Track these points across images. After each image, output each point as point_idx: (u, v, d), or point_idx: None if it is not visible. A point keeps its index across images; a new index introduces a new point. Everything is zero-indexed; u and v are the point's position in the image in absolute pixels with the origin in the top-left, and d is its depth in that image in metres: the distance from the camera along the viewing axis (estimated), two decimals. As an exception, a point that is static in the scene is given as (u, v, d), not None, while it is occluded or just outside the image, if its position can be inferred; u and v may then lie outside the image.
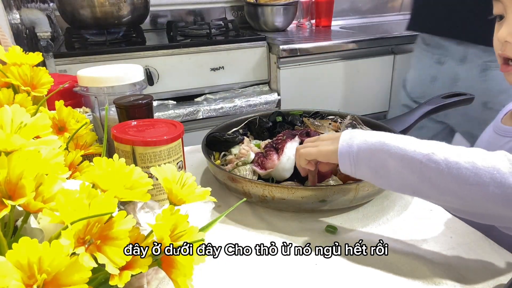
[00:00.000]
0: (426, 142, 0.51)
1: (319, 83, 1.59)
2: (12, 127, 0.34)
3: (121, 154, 0.55)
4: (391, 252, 0.56)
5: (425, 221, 0.63)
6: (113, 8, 1.46)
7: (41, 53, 0.53)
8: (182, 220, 0.35)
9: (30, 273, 0.26)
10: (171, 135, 0.54)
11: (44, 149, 0.34)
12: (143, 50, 1.42)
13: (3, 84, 0.51)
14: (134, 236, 0.34)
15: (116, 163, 0.37)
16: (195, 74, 1.50)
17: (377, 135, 0.54)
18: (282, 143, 0.69)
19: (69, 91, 0.71)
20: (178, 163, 0.57)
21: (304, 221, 0.64)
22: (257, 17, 1.80)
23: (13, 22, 1.15)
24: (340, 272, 0.52)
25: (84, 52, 1.37)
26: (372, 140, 0.53)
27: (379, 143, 0.52)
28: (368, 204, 0.68)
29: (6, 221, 0.33)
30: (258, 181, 0.64)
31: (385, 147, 0.52)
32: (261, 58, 1.57)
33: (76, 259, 0.27)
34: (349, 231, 0.61)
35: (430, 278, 0.51)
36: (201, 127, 1.48)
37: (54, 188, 0.33)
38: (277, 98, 1.56)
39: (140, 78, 0.69)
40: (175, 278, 0.34)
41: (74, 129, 0.52)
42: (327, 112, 0.90)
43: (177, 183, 0.40)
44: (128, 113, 0.61)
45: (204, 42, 1.49)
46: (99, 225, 0.30)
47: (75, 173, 0.48)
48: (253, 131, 0.87)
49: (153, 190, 0.55)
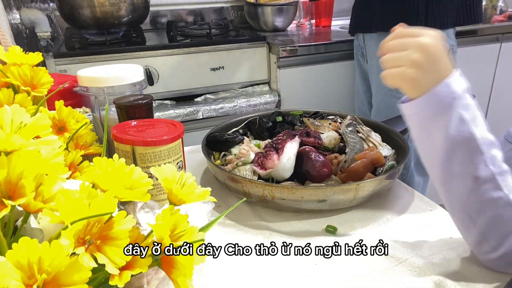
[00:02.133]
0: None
1: (319, 83, 1.59)
2: (12, 127, 0.34)
3: (121, 154, 0.55)
4: (391, 252, 0.56)
5: (425, 221, 0.63)
6: (113, 8, 1.46)
7: (41, 53, 0.53)
8: (182, 220, 0.35)
9: (30, 273, 0.26)
10: (171, 135, 0.54)
11: (44, 149, 0.34)
12: (143, 50, 1.42)
13: (3, 84, 0.51)
14: (134, 236, 0.34)
15: (116, 163, 0.37)
16: (195, 74, 1.50)
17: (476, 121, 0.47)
18: (282, 143, 0.69)
19: (69, 91, 0.71)
20: (178, 163, 0.57)
21: (304, 221, 0.64)
22: (257, 17, 1.80)
23: (13, 22, 1.15)
24: (340, 272, 0.52)
25: (84, 52, 1.37)
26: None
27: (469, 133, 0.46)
28: (368, 204, 0.68)
29: (6, 221, 0.33)
30: (258, 181, 0.64)
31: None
32: (261, 58, 1.57)
33: (76, 259, 0.27)
34: (349, 231, 0.61)
35: (430, 278, 0.51)
36: (201, 127, 1.48)
37: (54, 188, 0.33)
38: (277, 98, 1.56)
39: (140, 78, 0.69)
40: (175, 278, 0.34)
41: (74, 129, 0.52)
42: (327, 112, 0.90)
43: (177, 183, 0.40)
44: (128, 113, 0.61)
45: (204, 42, 1.49)
46: (99, 225, 0.30)
47: (75, 173, 0.48)
48: (253, 131, 0.87)
49: (153, 190, 0.55)
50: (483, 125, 0.47)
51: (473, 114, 0.47)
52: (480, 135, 0.46)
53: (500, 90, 1.86)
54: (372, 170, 0.69)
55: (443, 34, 0.49)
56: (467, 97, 0.47)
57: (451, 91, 0.46)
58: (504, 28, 1.76)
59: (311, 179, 0.68)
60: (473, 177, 0.47)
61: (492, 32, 1.75)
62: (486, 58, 1.79)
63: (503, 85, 1.86)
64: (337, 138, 0.78)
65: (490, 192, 0.46)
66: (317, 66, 1.57)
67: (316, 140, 0.74)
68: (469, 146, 0.46)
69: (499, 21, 1.85)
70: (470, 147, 0.46)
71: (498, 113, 1.90)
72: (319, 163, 0.67)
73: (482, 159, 0.46)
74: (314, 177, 0.67)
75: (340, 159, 0.72)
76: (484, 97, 1.86)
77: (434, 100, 0.47)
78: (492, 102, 1.88)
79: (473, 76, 1.75)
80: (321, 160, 0.67)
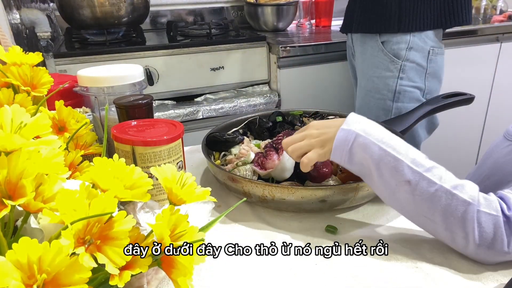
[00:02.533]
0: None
1: (319, 83, 1.59)
2: (12, 127, 0.34)
3: (121, 154, 0.55)
4: (391, 252, 0.56)
5: (425, 221, 0.63)
6: (113, 8, 1.46)
7: (41, 53, 0.53)
8: (182, 220, 0.35)
9: (30, 273, 0.26)
10: (171, 135, 0.54)
11: (44, 149, 0.34)
12: (143, 50, 1.42)
13: (3, 84, 0.51)
14: (134, 236, 0.34)
15: (116, 163, 0.37)
16: (195, 74, 1.50)
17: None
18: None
19: (69, 91, 0.71)
20: (178, 163, 0.57)
21: (304, 221, 0.64)
22: (257, 17, 1.80)
23: (13, 22, 1.15)
24: (340, 272, 0.52)
25: (84, 52, 1.37)
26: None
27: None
28: (368, 204, 0.68)
29: (6, 221, 0.33)
30: (258, 181, 0.64)
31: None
32: (261, 58, 1.57)
33: (76, 259, 0.27)
34: (349, 231, 0.61)
35: (430, 277, 0.51)
36: (201, 127, 1.48)
37: (54, 188, 0.33)
38: (277, 98, 1.56)
39: (140, 78, 0.69)
40: (175, 278, 0.34)
41: (74, 129, 0.52)
42: (327, 112, 0.90)
43: (177, 183, 0.40)
44: (128, 113, 0.61)
45: (204, 42, 1.49)
46: (99, 225, 0.30)
47: (75, 173, 0.48)
48: (253, 131, 0.87)
49: (153, 190, 0.55)
50: (391, 139, 0.54)
51: (377, 135, 0.54)
52: (392, 148, 0.53)
53: (500, 90, 1.86)
54: (372, 170, 0.69)
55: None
56: (362, 127, 0.55)
57: (346, 133, 0.55)
58: (504, 28, 1.76)
59: (311, 179, 0.68)
60: (406, 182, 0.52)
61: (492, 32, 1.75)
62: (486, 58, 1.79)
63: (503, 85, 1.86)
64: (337, 138, 0.78)
65: (427, 188, 0.51)
66: (317, 66, 1.57)
67: (316, 140, 0.74)
68: (387, 160, 0.53)
69: (499, 21, 1.85)
70: (388, 161, 0.53)
71: (498, 113, 1.90)
72: (319, 163, 0.67)
73: (404, 165, 0.52)
74: (314, 177, 0.67)
75: (340, 159, 0.72)
76: (484, 97, 1.85)
77: (337, 148, 0.56)
78: (492, 102, 1.88)
79: (473, 76, 1.75)
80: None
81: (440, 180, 0.51)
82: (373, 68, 1.15)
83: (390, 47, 1.10)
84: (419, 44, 1.09)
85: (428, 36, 1.10)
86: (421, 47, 1.09)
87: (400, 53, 1.09)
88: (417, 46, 1.09)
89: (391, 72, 1.10)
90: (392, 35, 1.09)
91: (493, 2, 2.06)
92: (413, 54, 1.09)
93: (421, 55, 1.10)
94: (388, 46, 1.10)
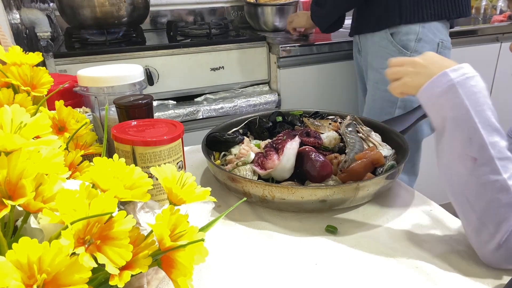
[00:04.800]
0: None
1: (319, 83, 1.59)
2: (12, 127, 0.34)
3: (121, 154, 0.55)
4: (391, 252, 0.56)
5: (425, 221, 0.63)
6: (113, 8, 1.46)
7: (41, 53, 0.53)
8: (182, 220, 0.35)
9: (30, 273, 0.26)
10: (171, 135, 0.54)
11: (44, 149, 0.34)
12: (143, 50, 1.42)
13: (3, 84, 0.51)
14: (134, 236, 0.34)
15: (116, 163, 0.37)
16: (195, 74, 1.50)
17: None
18: (282, 143, 0.69)
19: (69, 91, 0.71)
20: (178, 163, 0.57)
21: (304, 221, 0.64)
22: (257, 17, 1.80)
23: (13, 22, 1.15)
24: (340, 272, 0.52)
25: (84, 52, 1.37)
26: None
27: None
28: (368, 204, 0.68)
29: (6, 221, 0.33)
30: (258, 181, 0.64)
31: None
32: (261, 58, 1.57)
33: (76, 259, 0.27)
34: (349, 231, 0.61)
35: (430, 277, 0.51)
36: (201, 127, 1.48)
37: (54, 188, 0.33)
38: (277, 98, 1.56)
39: (140, 78, 0.69)
40: (175, 278, 0.34)
41: (74, 129, 0.52)
42: (327, 112, 0.90)
43: (177, 183, 0.40)
44: (128, 113, 0.61)
45: (204, 42, 1.49)
46: (99, 225, 0.30)
47: (75, 173, 0.48)
48: (253, 131, 0.87)
49: (153, 190, 0.55)
50: (487, 112, 0.52)
51: (476, 100, 0.52)
52: (480, 120, 0.50)
53: (500, 90, 1.86)
54: (372, 170, 0.69)
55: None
56: (469, 85, 0.52)
57: (447, 79, 0.52)
58: (504, 28, 1.76)
59: (311, 179, 0.68)
60: (472, 158, 0.50)
61: (492, 32, 1.75)
62: (486, 58, 1.79)
63: (503, 85, 1.86)
64: (337, 138, 0.78)
65: (487, 174, 0.49)
66: (317, 66, 1.57)
67: (316, 140, 0.74)
68: (467, 128, 0.50)
69: (499, 21, 1.85)
70: (469, 129, 0.50)
71: (498, 113, 1.90)
72: (319, 163, 0.67)
73: (480, 142, 0.49)
74: (314, 177, 0.67)
75: (340, 159, 0.72)
76: (484, 97, 1.85)
77: (430, 87, 0.54)
78: (492, 102, 1.88)
79: (473, 76, 1.74)
80: (321, 160, 0.67)
81: (506, 173, 0.49)
82: (382, 60, 1.16)
83: (399, 38, 1.11)
84: (428, 36, 1.10)
85: (438, 28, 1.11)
86: (431, 38, 1.10)
87: (409, 44, 1.10)
88: (426, 38, 1.10)
89: None
90: (400, 27, 1.10)
91: (493, 2, 2.06)
92: (422, 46, 1.10)
93: (430, 47, 1.10)
94: (397, 37, 1.11)
